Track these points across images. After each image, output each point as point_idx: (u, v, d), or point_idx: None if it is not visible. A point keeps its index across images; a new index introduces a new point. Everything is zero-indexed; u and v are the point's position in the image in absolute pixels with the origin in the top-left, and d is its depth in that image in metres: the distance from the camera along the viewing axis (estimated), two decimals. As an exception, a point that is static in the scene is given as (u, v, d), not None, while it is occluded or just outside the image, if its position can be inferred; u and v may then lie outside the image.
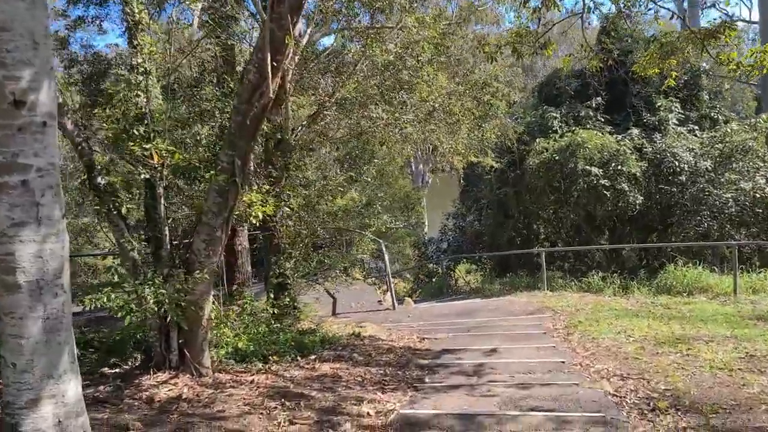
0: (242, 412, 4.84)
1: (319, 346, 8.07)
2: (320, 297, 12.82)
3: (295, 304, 10.21)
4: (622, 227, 16.61)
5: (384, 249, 13.15)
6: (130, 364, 6.32)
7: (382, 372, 6.77)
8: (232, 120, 5.30)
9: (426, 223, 36.04)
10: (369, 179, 11.42)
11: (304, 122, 10.45)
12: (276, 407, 5.04)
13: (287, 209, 10.26)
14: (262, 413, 4.86)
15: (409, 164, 41.25)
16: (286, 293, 9.96)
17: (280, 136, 10.18)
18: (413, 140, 10.88)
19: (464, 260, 20.64)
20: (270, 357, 7.07)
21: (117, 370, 6.11)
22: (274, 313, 9.67)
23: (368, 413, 5.08)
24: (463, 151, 10.88)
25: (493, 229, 18.03)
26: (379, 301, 13.11)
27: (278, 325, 9.17)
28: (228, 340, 7.26)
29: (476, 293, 16.46)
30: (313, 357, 7.37)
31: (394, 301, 12.70)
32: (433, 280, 20.84)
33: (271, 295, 9.96)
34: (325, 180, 10.48)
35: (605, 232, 17.50)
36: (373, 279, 14.84)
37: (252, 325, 8.58)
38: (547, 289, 14.57)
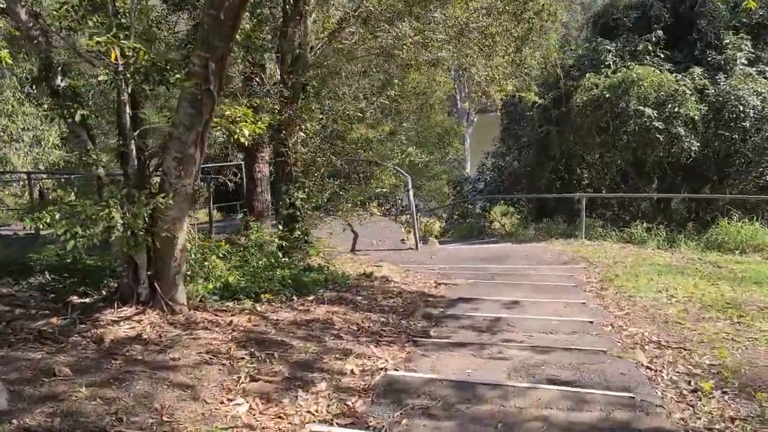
0: (200, 361, 4.13)
1: (322, 286, 7.33)
2: (340, 232, 12.14)
3: (307, 237, 9.48)
4: (673, 176, 15.28)
5: (410, 184, 12.23)
6: (104, 293, 5.67)
7: (383, 320, 5.99)
8: (205, 13, 4.38)
9: (468, 163, 34.87)
10: (397, 108, 10.39)
11: (325, 39, 9.43)
12: (243, 357, 4.32)
13: (302, 134, 9.40)
14: (224, 364, 4.14)
15: (455, 102, 39.85)
16: (297, 226, 9.22)
17: (297, 52, 9.23)
18: (445, 64, 9.74)
19: (500, 202, 19.62)
20: (263, 295, 6.36)
21: (86, 300, 5.47)
22: (282, 246, 8.99)
23: (351, 371, 4.32)
24: (500, 78, 9.69)
25: (533, 170, 16.84)
26: (403, 240, 12.31)
27: (286, 259, 8.49)
28: (220, 273, 6.57)
29: (510, 237, 15.51)
30: (311, 298, 6.63)
31: (418, 240, 11.87)
32: (467, 221, 19.90)
33: (281, 227, 9.25)
34: (343, 105, 9.52)
35: (653, 180, 16.16)
36: (396, 215, 14.02)
37: (254, 259, 7.89)
38: (585, 237, 13.54)
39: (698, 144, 13.55)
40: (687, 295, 7.59)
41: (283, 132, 9.25)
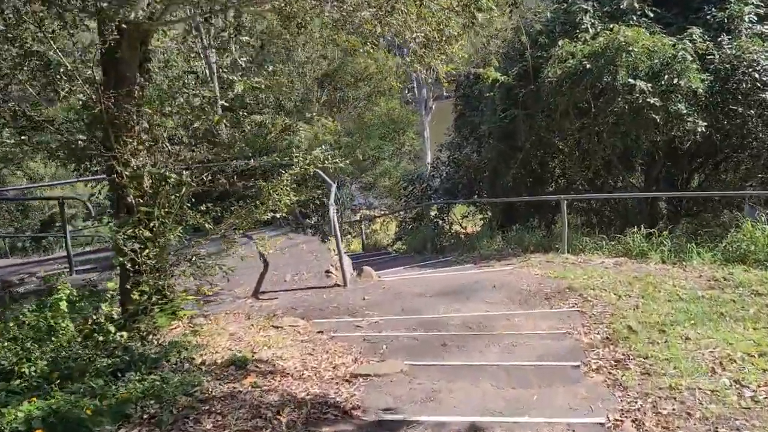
0: None
1: (121, 419, 3.98)
2: (254, 260, 8.93)
3: (163, 292, 6.15)
4: (674, 162, 12.37)
5: (332, 195, 8.95)
6: None
7: None
8: None
9: (429, 155, 31.80)
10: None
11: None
12: None
13: (142, 138, 6.09)
14: None
15: (412, 89, 36.64)
16: (142, 281, 5.88)
17: None
18: (357, 26, 6.38)
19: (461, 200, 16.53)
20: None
21: None
22: (113, 318, 5.69)
23: None
24: (441, 43, 6.43)
25: (496, 164, 13.63)
26: (328, 272, 9.07)
27: (123, 335, 5.22)
28: None
29: (472, 250, 12.35)
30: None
31: (346, 274, 8.61)
32: (422, 225, 16.68)
33: (114, 285, 5.95)
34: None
35: (636, 168, 13.25)
36: (321, 235, 10.75)
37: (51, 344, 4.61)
38: (568, 251, 10.47)
39: (705, 123, 10.54)
40: (762, 379, 4.52)
41: (112, 136, 5.88)
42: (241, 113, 8.35)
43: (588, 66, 10.57)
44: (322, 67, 30.69)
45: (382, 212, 26.38)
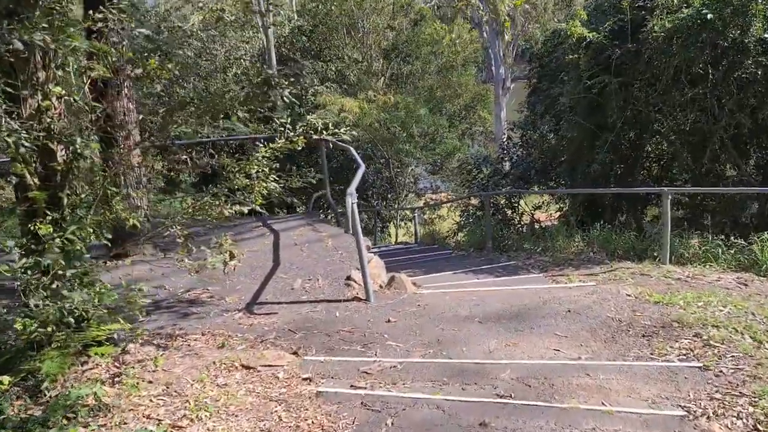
0: None
1: None
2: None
3: (66, 319, 4.18)
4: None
5: (357, 178, 6.78)
6: None
7: None
8: None
9: (505, 137, 29.28)
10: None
11: None
12: None
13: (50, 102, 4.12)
14: None
15: (489, 67, 33.98)
16: (57, 296, 3.96)
17: None
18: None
19: (532, 190, 14.04)
20: None
21: None
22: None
23: None
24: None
25: (579, 145, 11.06)
26: (348, 279, 6.92)
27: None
28: None
29: (544, 251, 9.95)
30: None
31: (369, 285, 6.43)
32: (486, 217, 14.27)
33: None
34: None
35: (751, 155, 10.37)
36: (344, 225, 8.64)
37: None
38: (671, 261, 7.98)
39: None
40: None
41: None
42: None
43: (709, 16, 7.92)
44: (388, 38, 28.46)
45: (448, 198, 24.10)
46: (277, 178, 5.00)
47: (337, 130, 4.56)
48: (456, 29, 29.20)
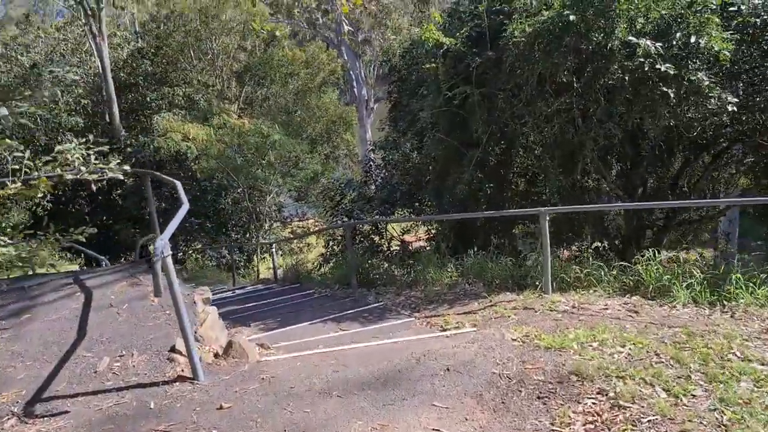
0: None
1: None
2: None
3: None
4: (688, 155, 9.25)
5: (176, 221, 5.25)
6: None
7: None
8: None
9: (372, 162, 28.53)
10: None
11: None
12: None
13: None
14: None
15: (351, 89, 33.24)
16: None
17: None
18: None
19: (399, 213, 13.04)
20: None
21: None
22: None
23: None
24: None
25: (443, 164, 10.14)
26: (172, 351, 5.31)
27: None
28: None
29: (415, 286, 8.86)
30: None
31: (196, 359, 4.89)
32: (352, 247, 13.06)
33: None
34: None
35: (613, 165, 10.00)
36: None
37: None
38: (553, 288, 7.15)
39: (735, 99, 7.37)
40: None
41: None
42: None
43: (572, 18, 7.23)
44: (240, 61, 26.88)
45: (315, 224, 22.88)
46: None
47: (104, 166, 3.16)
48: (312, 49, 28.21)
